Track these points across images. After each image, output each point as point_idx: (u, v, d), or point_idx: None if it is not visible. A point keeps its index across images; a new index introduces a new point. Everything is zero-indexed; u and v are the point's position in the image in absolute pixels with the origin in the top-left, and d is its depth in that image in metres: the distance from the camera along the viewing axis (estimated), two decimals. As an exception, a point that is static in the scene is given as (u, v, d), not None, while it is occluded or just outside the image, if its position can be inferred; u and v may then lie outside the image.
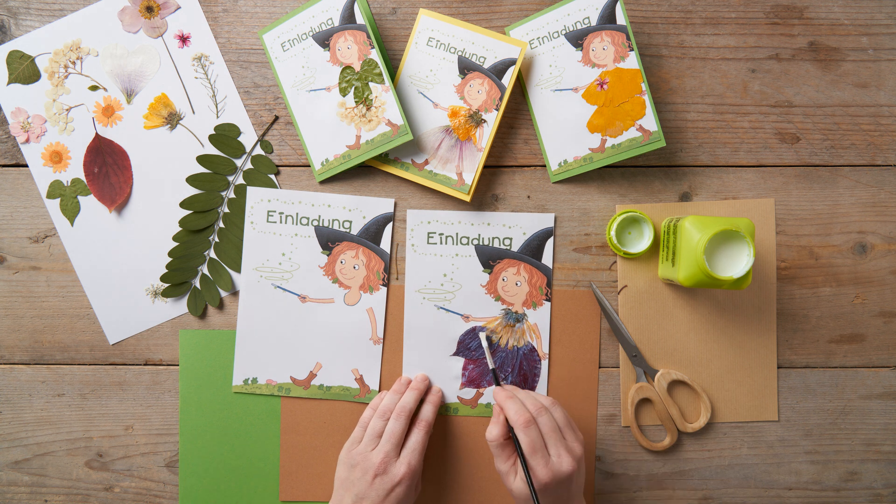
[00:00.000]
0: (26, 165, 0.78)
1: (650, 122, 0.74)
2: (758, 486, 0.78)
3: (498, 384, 0.72)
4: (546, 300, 0.76)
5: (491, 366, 0.73)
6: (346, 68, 0.75)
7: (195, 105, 0.77)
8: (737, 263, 0.67)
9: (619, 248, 0.75)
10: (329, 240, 0.76)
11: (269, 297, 0.76)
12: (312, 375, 0.76)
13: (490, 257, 0.76)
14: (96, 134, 0.77)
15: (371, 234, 0.76)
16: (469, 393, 0.76)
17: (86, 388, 0.78)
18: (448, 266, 0.76)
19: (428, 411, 0.73)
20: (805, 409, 0.78)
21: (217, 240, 0.77)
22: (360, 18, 0.73)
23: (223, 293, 0.77)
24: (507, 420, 0.67)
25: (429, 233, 0.76)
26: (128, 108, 0.77)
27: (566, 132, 0.76)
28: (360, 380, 0.76)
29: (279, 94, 0.78)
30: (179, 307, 0.77)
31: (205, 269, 0.77)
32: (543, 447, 0.63)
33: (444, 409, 0.76)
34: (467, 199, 0.75)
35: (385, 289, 0.76)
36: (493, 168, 0.78)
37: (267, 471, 0.76)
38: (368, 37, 0.73)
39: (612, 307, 0.77)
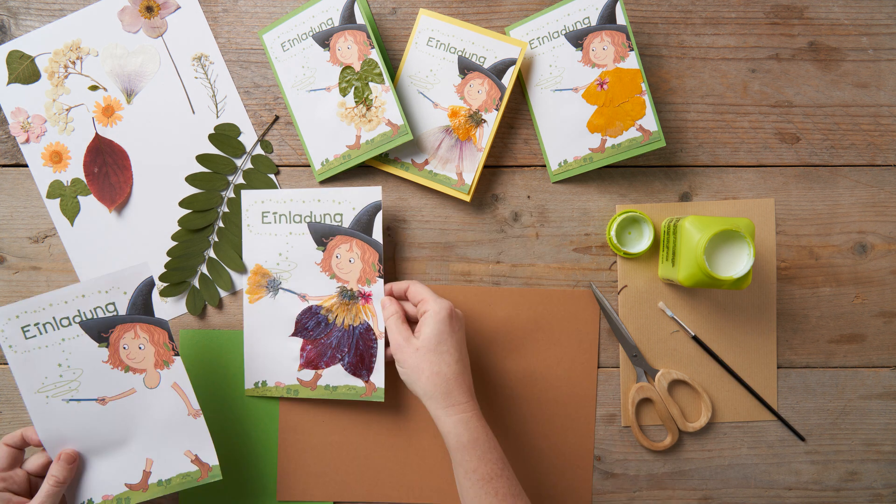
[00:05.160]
0: (26, 165, 0.77)
1: (650, 122, 0.74)
2: (758, 486, 0.78)
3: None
4: (379, 277, 0.74)
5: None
6: (346, 68, 0.75)
7: (195, 105, 0.77)
8: (737, 263, 0.67)
9: (619, 248, 0.75)
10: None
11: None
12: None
13: (323, 234, 0.75)
14: (96, 134, 0.77)
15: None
16: (308, 374, 0.75)
17: (86, 388, 0.78)
18: (283, 245, 0.75)
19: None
20: (805, 409, 0.78)
21: (216, 239, 0.77)
22: (360, 18, 0.73)
23: (223, 293, 0.77)
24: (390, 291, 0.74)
25: (263, 212, 0.75)
26: (128, 108, 0.77)
27: (566, 132, 0.76)
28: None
29: (279, 94, 0.78)
30: (179, 307, 0.77)
31: (204, 269, 0.77)
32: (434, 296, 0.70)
33: (284, 391, 0.75)
34: (467, 198, 0.75)
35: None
36: (493, 168, 0.78)
37: (266, 471, 0.76)
38: (368, 37, 0.73)
39: (612, 307, 0.77)
